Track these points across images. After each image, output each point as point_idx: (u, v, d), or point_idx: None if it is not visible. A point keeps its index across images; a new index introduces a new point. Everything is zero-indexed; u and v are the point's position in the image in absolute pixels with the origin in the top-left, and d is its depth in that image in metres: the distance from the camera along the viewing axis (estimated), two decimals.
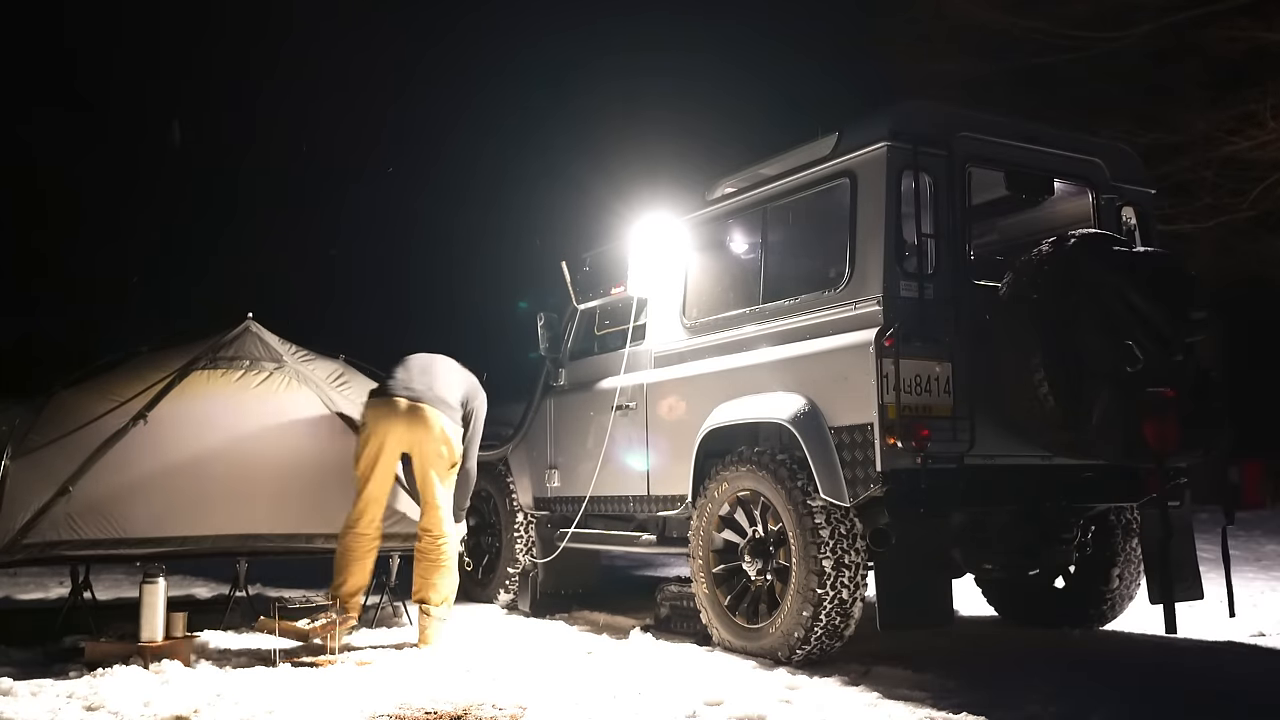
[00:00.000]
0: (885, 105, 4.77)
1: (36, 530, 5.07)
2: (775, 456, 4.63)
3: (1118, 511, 5.28)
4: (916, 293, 4.33)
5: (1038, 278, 4.32)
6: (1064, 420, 4.18)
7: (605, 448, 5.84)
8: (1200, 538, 5.23)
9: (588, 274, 6.18)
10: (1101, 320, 4.21)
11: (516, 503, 6.74)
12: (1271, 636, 5.26)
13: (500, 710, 3.78)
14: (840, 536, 4.41)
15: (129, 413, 5.38)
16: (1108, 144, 5.35)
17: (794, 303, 4.82)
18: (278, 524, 5.60)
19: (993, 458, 4.42)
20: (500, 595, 6.78)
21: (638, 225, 5.79)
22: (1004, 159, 4.77)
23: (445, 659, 4.84)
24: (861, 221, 4.50)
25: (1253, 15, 11.56)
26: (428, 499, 5.35)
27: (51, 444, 5.23)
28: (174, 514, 5.37)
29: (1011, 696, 3.86)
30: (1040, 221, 5.30)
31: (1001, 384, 4.34)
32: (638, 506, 5.69)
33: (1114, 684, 4.10)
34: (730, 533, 4.93)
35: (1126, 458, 4.34)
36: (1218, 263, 12.80)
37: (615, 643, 5.24)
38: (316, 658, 4.78)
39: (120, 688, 4.08)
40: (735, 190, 5.35)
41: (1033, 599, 5.62)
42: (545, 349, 6.48)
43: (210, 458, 5.56)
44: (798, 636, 4.44)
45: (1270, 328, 16.48)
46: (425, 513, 5.37)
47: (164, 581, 4.66)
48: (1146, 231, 5.15)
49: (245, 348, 5.82)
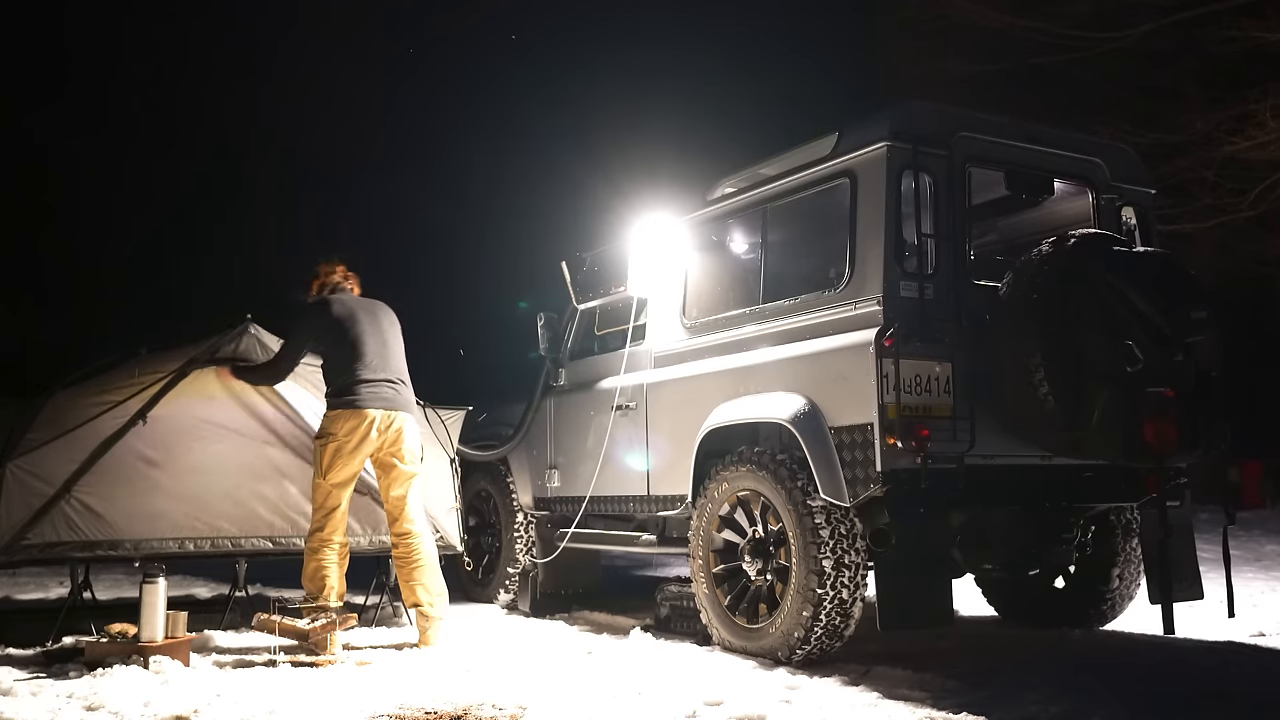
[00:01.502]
0: (885, 105, 4.78)
1: (36, 530, 5.08)
2: (775, 456, 4.62)
3: (1118, 511, 5.27)
4: (916, 293, 4.33)
5: (1038, 278, 4.32)
6: (1064, 420, 4.18)
7: (605, 448, 5.84)
8: (1200, 538, 5.23)
9: (588, 274, 6.17)
10: (1101, 320, 4.21)
11: (516, 503, 6.74)
12: (1271, 636, 5.26)
13: (500, 710, 3.78)
14: (840, 536, 4.41)
15: (128, 413, 5.37)
16: (1108, 144, 5.36)
17: (794, 303, 4.82)
18: (277, 525, 5.61)
19: (993, 458, 4.42)
20: (500, 595, 6.78)
21: (638, 225, 5.78)
22: (1004, 159, 4.77)
23: (445, 659, 4.84)
24: (861, 221, 4.50)
25: (1253, 15, 11.57)
26: (399, 504, 5.24)
27: (51, 444, 5.23)
28: (174, 514, 5.38)
29: (1011, 696, 3.86)
30: (1040, 221, 5.30)
31: (1001, 384, 4.34)
32: (638, 506, 5.69)
33: (1114, 684, 4.10)
34: (730, 533, 4.93)
35: (1126, 458, 4.34)
36: (1218, 263, 12.82)
37: (615, 643, 5.23)
38: (316, 658, 4.78)
39: (120, 688, 4.07)
40: (735, 190, 5.35)
41: (1033, 599, 5.61)
42: (545, 349, 6.48)
43: (210, 458, 5.56)
44: (798, 636, 4.44)
45: (1270, 328, 16.48)
46: (398, 519, 5.25)
47: (164, 581, 4.65)
48: (1146, 231, 5.15)
49: (245, 348, 5.81)
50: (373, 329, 5.27)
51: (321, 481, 5.14)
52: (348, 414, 5.10)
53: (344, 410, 5.11)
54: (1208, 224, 12.87)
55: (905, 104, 4.79)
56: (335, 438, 5.10)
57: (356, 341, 5.19)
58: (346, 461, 5.12)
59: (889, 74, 14.08)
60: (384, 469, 5.25)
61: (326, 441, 5.13)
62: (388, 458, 5.20)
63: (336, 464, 5.11)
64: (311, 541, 5.20)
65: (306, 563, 5.19)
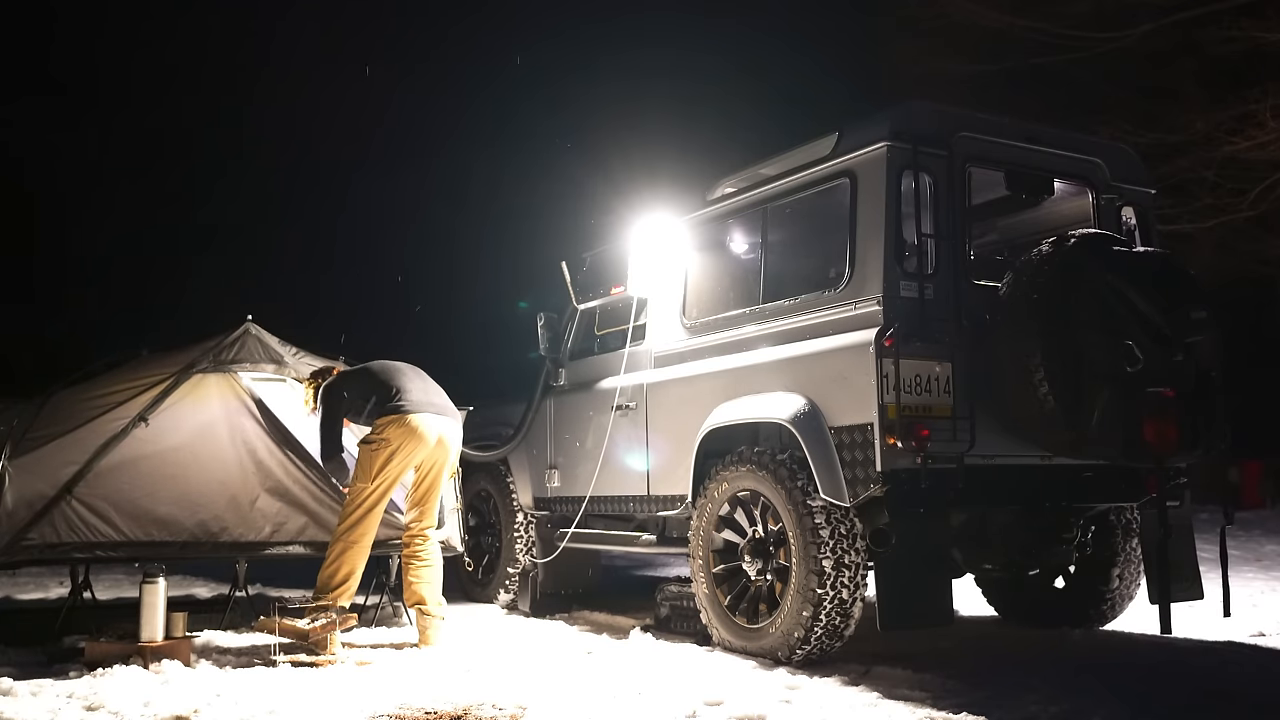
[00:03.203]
0: (885, 105, 4.78)
1: (36, 530, 5.07)
2: (775, 456, 4.62)
3: (1118, 511, 5.27)
4: (916, 293, 4.33)
5: (1038, 278, 4.32)
6: (1064, 420, 4.18)
7: (605, 448, 5.84)
8: (1200, 538, 5.23)
9: (588, 274, 6.17)
10: (1101, 320, 4.21)
11: (516, 503, 6.74)
12: (1271, 636, 5.26)
13: (500, 710, 3.78)
14: (840, 536, 4.41)
15: (129, 413, 5.37)
16: (1108, 144, 5.36)
17: (794, 303, 4.82)
18: (278, 526, 5.60)
19: (993, 458, 4.42)
20: (500, 595, 6.78)
21: (638, 225, 5.79)
22: (1004, 159, 4.77)
23: (445, 659, 4.84)
24: (861, 221, 4.50)
25: (1253, 15, 11.57)
26: (429, 505, 5.39)
27: (51, 444, 5.23)
28: (174, 515, 5.38)
29: (1011, 696, 3.86)
30: (1040, 221, 5.30)
31: (1001, 384, 4.34)
32: (638, 506, 5.68)
33: (1114, 684, 4.10)
34: (730, 533, 4.93)
35: (1126, 458, 4.34)
36: (1218, 263, 12.80)
37: (615, 643, 5.23)
38: (316, 658, 4.78)
39: (120, 688, 4.08)
40: (735, 190, 5.35)
41: (1033, 599, 5.61)
42: (545, 349, 6.48)
43: (211, 459, 5.56)
44: (798, 636, 4.44)
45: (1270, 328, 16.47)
46: (423, 517, 5.37)
47: (164, 581, 4.65)
48: (1146, 231, 5.15)
49: (245, 349, 5.81)
50: (410, 371, 5.49)
51: (366, 485, 5.18)
52: (403, 419, 5.19)
53: (399, 416, 5.20)
54: (1208, 224, 12.86)
55: (905, 104, 4.79)
56: (389, 443, 5.16)
57: (399, 374, 5.42)
58: (399, 466, 5.21)
59: (889, 74, 14.08)
60: (423, 472, 5.34)
61: (379, 446, 5.17)
62: (435, 463, 5.33)
63: (389, 468, 5.18)
64: (343, 542, 5.19)
65: (331, 559, 5.20)
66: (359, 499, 5.19)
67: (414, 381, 5.39)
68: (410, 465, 5.27)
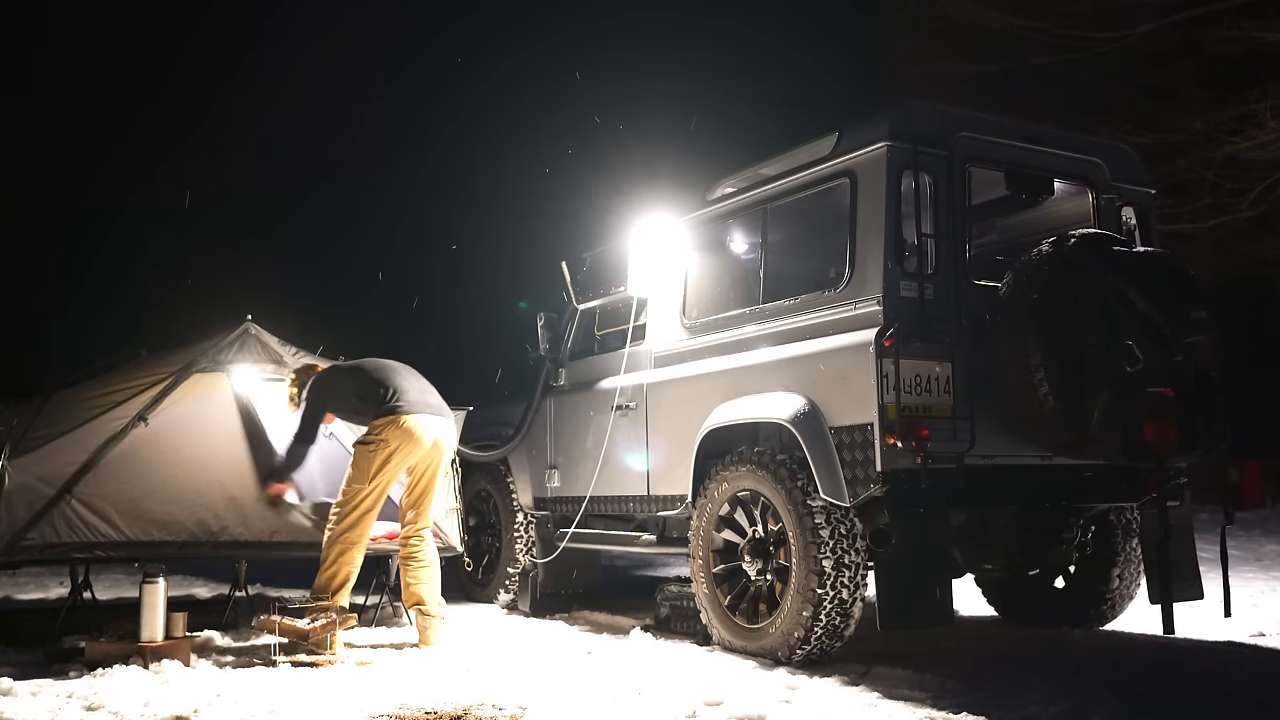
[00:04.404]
0: (885, 105, 4.78)
1: (36, 530, 5.07)
2: (775, 456, 4.62)
3: (1118, 511, 5.27)
4: (916, 293, 4.33)
5: (1038, 278, 4.32)
6: (1064, 420, 4.18)
7: (605, 448, 5.84)
8: (1200, 538, 5.23)
9: (588, 274, 6.17)
10: (1101, 320, 4.21)
11: (516, 503, 6.74)
12: (1271, 636, 5.26)
13: (500, 710, 3.78)
14: (840, 536, 4.41)
15: (129, 413, 5.37)
16: (1108, 144, 5.36)
17: (794, 303, 4.82)
18: (278, 525, 5.60)
19: (993, 458, 4.42)
20: (500, 595, 6.78)
21: (638, 225, 5.79)
22: (1004, 159, 4.77)
23: (445, 659, 4.84)
24: (861, 221, 4.50)
25: (1253, 15, 11.57)
26: (425, 505, 5.38)
27: (51, 444, 5.22)
28: (174, 516, 5.37)
29: (1011, 696, 3.86)
30: (1040, 221, 5.30)
31: (1001, 384, 4.34)
32: (638, 506, 5.69)
33: (1114, 684, 4.10)
34: (730, 533, 4.93)
35: (1126, 458, 4.34)
36: (1218, 263, 12.81)
37: (615, 643, 5.24)
38: (316, 658, 4.78)
39: (120, 688, 4.08)
40: (735, 190, 5.35)
41: (1033, 599, 5.61)
42: (545, 349, 6.48)
43: (210, 459, 5.55)
44: (798, 636, 4.44)
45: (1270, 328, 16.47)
46: (419, 518, 5.37)
47: (164, 581, 4.66)
48: (1146, 231, 5.15)
49: (245, 349, 5.81)
50: (404, 371, 5.45)
51: (364, 486, 5.16)
52: (400, 420, 5.17)
53: (397, 417, 5.17)
54: (1208, 224, 12.86)
55: (905, 104, 4.79)
56: (388, 444, 5.15)
57: (394, 373, 5.37)
58: (396, 467, 5.21)
59: (889, 74, 14.07)
60: (419, 473, 5.34)
61: (376, 447, 5.15)
62: (430, 464, 5.32)
63: (386, 469, 5.18)
64: (339, 543, 5.16)
65: (329, 562, 5.16)
66: (356, 500, 5.17)
67: (409, 381, 5.37)
68: (405, 465, 5.26)
